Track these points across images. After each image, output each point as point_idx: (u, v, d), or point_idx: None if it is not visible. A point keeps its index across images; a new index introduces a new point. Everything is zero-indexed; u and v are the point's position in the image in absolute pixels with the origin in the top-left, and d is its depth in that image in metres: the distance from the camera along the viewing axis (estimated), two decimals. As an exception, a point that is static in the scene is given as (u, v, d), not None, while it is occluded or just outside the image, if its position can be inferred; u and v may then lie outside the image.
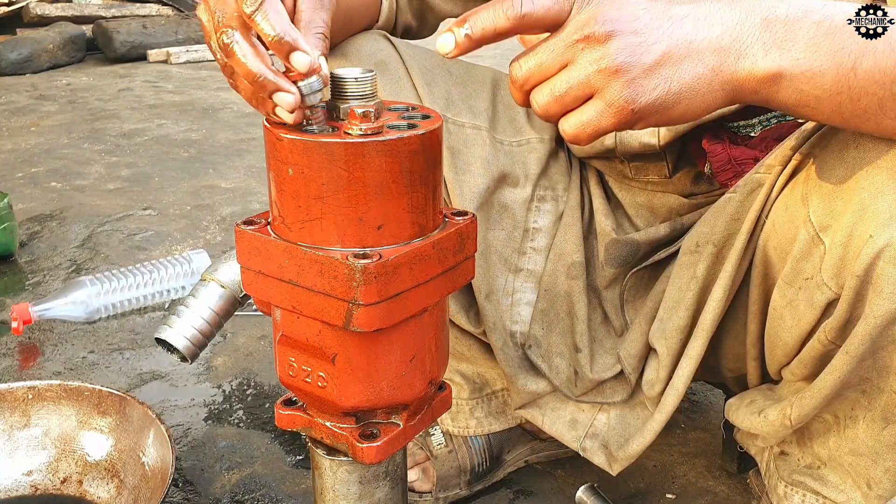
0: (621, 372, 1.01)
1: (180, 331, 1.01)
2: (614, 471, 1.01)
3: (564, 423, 1.05)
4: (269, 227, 0.65)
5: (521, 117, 1.05)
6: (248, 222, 0.66)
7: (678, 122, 0.63)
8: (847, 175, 0.72)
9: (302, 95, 0.63)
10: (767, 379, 0.93)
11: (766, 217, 0.85)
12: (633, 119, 0.61)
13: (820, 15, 0.61)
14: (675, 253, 0.98)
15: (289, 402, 0.72)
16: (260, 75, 0.64)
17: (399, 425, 0.69)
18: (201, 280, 1.04)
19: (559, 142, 1.06)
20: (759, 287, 0.87)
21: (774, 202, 0.84)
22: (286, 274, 0.63)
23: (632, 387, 1.02)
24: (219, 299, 1.02)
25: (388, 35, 1.01)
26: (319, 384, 0.66)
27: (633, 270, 1.03)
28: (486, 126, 1.01)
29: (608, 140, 1.00)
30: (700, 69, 0.60)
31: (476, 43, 0.62)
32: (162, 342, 1.02)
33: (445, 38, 0.62)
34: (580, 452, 1.04)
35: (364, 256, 0.59)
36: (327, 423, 0.69)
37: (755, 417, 0.89)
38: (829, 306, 0.75)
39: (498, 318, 1.01)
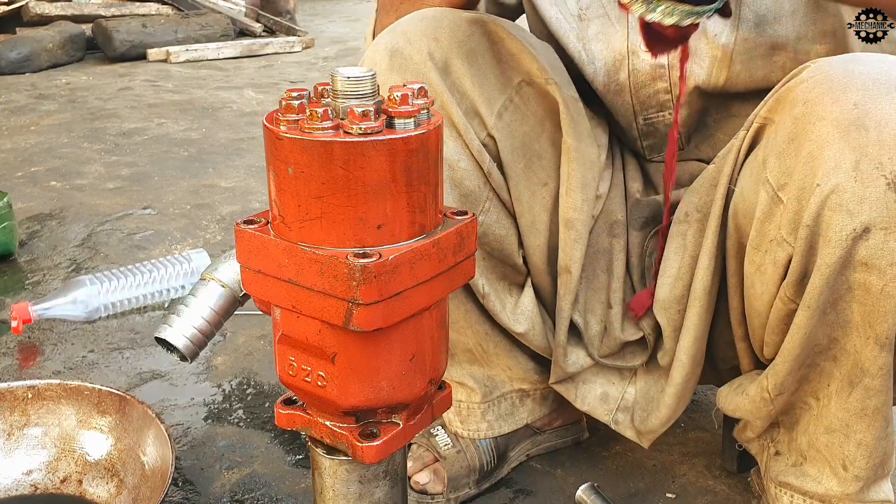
0: (644, 337, 1.02)
1: (180, 330, 1.01)
2: (645, 444, 1.02)
3: (596, 398, 1.05)
4: (268, 226, 0.65)
5: None
6: (248, 221, 0.66)
7: None
8: (796, 131, 0.74)
9: None
10: (760, 366, 0.92)
11: (734, 185, 0.85)
12: None
13: None
14: None
15: (288, 402, 0.72)
16: None
17: (399, 425, 0.68)
18: (201, 279, 1.04)
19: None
20: (735, 258, 0.87)
21: (741, 169, 0.85)
22: (286, 273, 0.63)
23: (650, 349, 1.02)
24: (219, 298, 1.02)
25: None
26: (319, 384, 0.66)
27: (652, 233, 1.03)
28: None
29: (663, 90, 1.00)
30: None
31: None
32: (162, 341, 1.02)
33: None
34: (612, 426, 1.04)
35: (364, 256, 0.59)
36: (327, 423, 0.68)
37: (738, 398, 0.89)
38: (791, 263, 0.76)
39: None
